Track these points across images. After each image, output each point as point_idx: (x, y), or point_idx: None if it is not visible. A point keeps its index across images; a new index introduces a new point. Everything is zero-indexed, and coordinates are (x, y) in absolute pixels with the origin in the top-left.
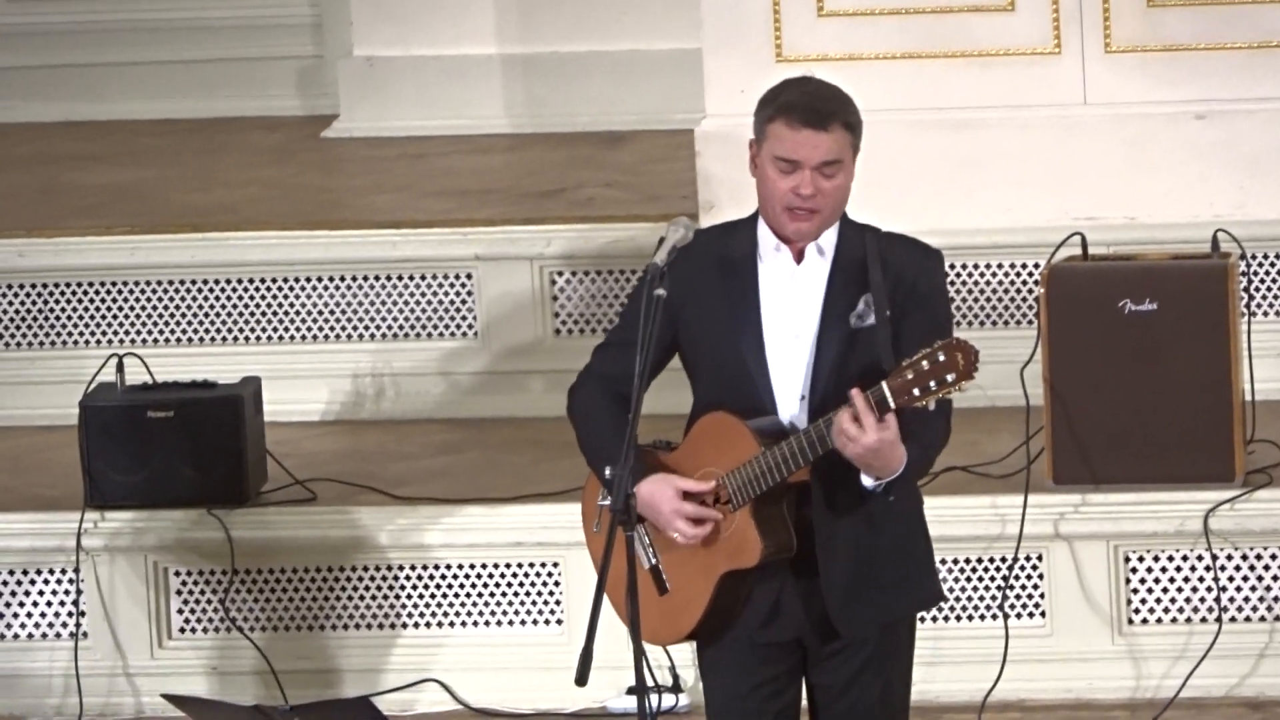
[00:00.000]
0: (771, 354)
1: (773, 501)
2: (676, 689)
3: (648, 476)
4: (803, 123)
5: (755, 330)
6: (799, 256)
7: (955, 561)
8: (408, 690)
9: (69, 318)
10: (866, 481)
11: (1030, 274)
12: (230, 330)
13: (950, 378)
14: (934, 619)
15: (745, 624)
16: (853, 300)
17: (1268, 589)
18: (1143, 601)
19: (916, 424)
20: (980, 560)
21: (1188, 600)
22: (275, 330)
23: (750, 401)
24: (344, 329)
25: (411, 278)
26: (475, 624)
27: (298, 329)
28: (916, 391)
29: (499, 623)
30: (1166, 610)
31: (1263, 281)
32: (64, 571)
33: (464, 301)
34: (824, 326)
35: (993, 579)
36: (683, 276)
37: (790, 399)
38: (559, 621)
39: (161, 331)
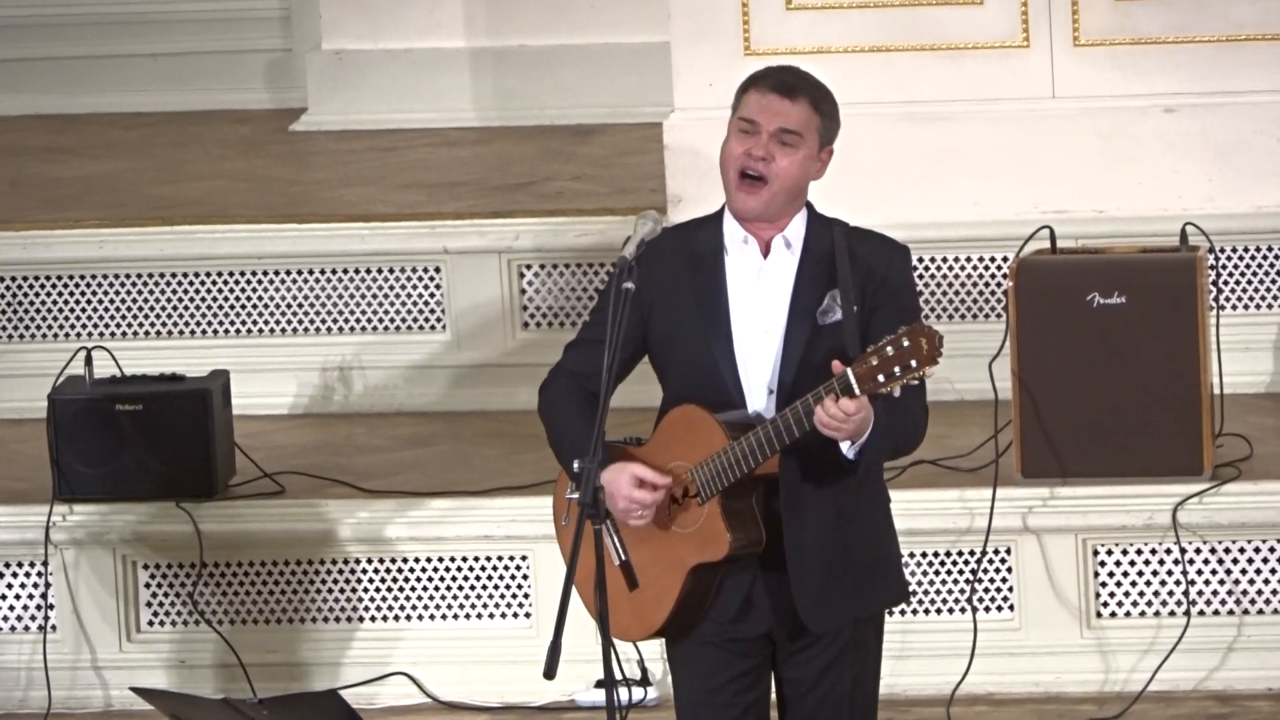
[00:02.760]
0: (740, 348)
1: (742, 495)
2: (645, 683)
3: (609, 465)
4: (771, 88)
5: (724, 325)
6: (766, 250)
7: (924, 555)
8: (376, 683)
9: (37, 311)
10: (844, 448)
11: (999, 267)
12: (198, 323)
13: (914, 363)
14: (902, 612)
15: (716, 619)
16: (820, 294)
17: (1236, 583)
18: (1111, 595)
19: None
20: (949, 554)
21: (1156, 594)
22: (244, 323)
23: (719, 395)
24: (312, 322)
25: (380, 271)
26: (443, 617)
27: (266, 322)
28: (881, 378)
29: (467, 616)
30: (1135, 604)
31: (1231, 275)
32: (32, 564)
33: (432, 295)
34: (792, 321)
35: (961, 572)
36: (651, 273)
37: (758, 393)
38: (527, 615)
39: (130, 324)
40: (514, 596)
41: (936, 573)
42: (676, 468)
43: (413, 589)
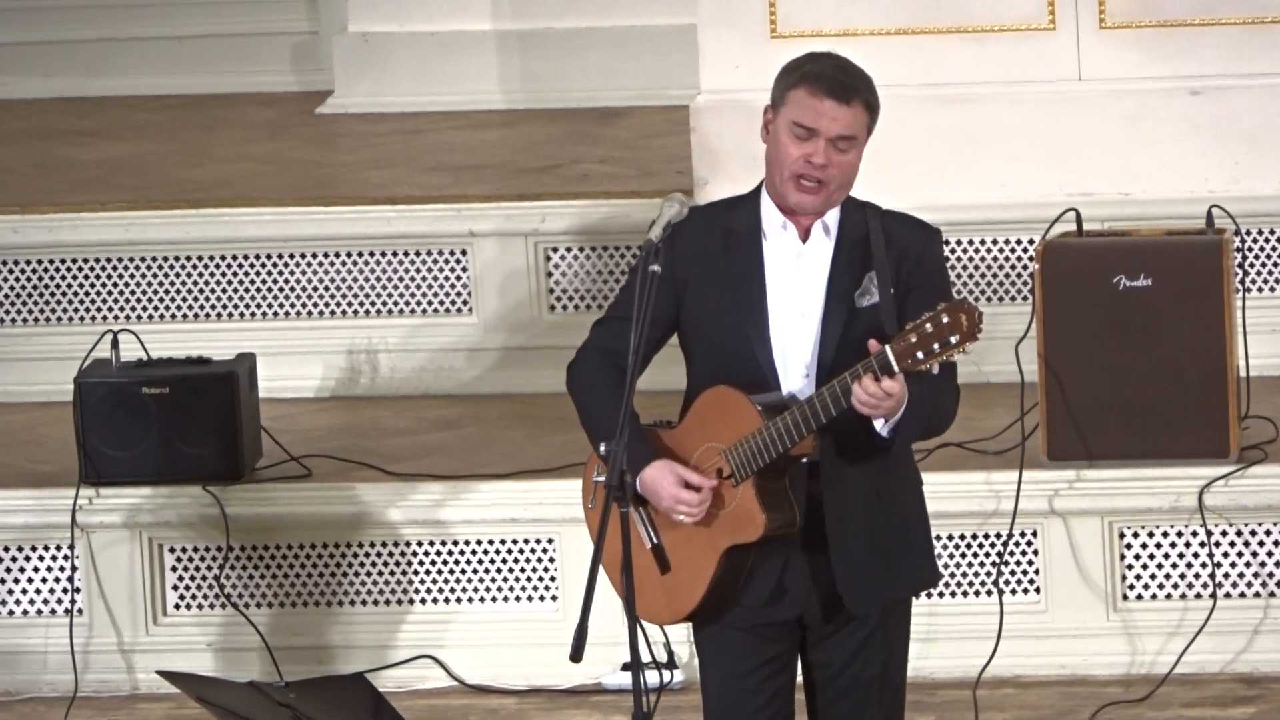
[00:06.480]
0: (776, 332)
1: (776, 476)
2: (671, 665)
3: (652, 462)
4: (827, 93)
5: (760, 308)
6: (805, 235)
7: (950, 538)
8: (403, 667)
9: (64, 294)
10: (879, 426)
11: (1025, 250)
12: (225, 306)
13: (954, 339)
14: (929, 595)
15: (748, 603)
16: (856, 277)
17: (1262, 565)
18: (1137, 578)
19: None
20: (975, 536)
21: (1182, 576)
22: (270, 306)
23: (751, 378)
24: (339, 305)
25: (406, 254)
26: (470, 600)
27: (293, 305)
28: (920, 354)
29: (494, 599)
30: (1161, 586)
31: (1257, 258)
32: (59, 548)
33: (459, 277)
34: (829, 304)
35: (987, 555)
36: (685, 252)
37: (795, 375)
38: (554, 598)
39: (156, 307)
40: (540, 579)
41: (963, 555)
42: (710, 449)
43: (439, 572)
